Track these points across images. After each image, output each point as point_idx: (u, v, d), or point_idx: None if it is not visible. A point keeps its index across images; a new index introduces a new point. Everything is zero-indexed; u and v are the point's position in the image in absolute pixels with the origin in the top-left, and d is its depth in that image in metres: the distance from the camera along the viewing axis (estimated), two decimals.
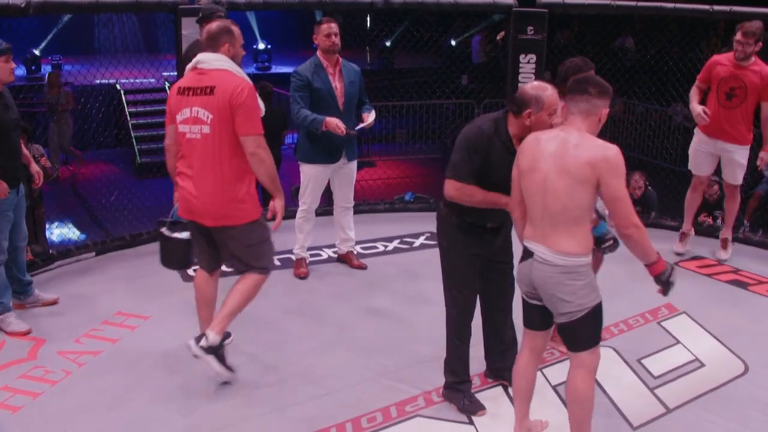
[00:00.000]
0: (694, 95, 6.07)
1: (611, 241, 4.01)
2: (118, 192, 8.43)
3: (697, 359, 4.76)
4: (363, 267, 5.99)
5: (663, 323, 5.21)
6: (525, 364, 3.73)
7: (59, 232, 8.62)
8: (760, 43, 5.80)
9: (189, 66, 4.21)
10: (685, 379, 4.54)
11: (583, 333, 3.50)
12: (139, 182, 10.10)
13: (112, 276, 5.80)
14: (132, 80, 10.47)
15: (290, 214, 6.63)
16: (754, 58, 5.84)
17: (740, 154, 6.02)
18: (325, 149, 5.60)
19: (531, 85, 3.77)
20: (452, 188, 3.83)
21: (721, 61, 5.97)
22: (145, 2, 6.32)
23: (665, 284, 3.50)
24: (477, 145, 3.77)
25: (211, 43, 4.16)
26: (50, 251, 6.18)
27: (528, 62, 6.87)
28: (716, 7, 6.81)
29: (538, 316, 3.61)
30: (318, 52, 5.56)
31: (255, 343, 4.83)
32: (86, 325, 5.00)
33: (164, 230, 4.56)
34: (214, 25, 4.20)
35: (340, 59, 5.59)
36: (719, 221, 7.22)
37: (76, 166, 11.34)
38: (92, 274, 5.84)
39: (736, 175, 6.09)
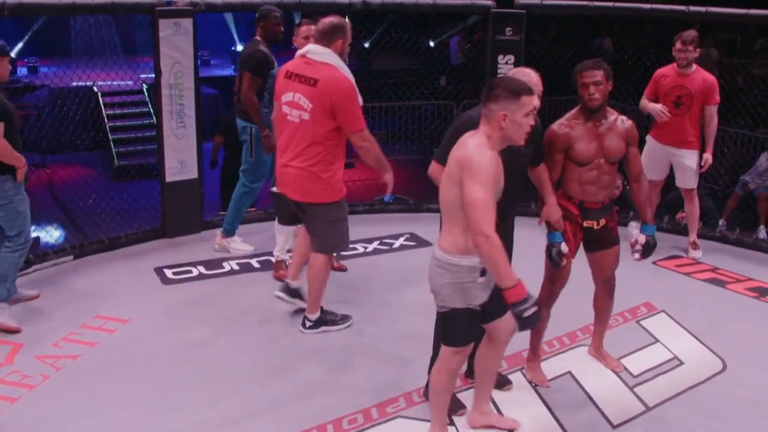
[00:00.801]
0: (647, 102, 6.32)
1: (548, 254, 4.17)
2: (96, 195, 8.37)
3: (676, 357, 4.79)
4: (343, 269, 5.96)
5: (642, 322, 5.24)
6: (482, 350, 3.83)
7: (36, 235, 8.54)
8: (699, 49, 6.11)
9: (299, 52, 4.67)
10: (664, 378, 4.57)
11: (446, 329, 3.59)
12: (117, 185, 10.03)
13: (91, 279, 5.75)
14: (109, 82, 10.40)
15: (270, 216, 6.65)
16: (694, 66, 6.13)
17: (690, 159, 6.25)
18: None
19: (513, 70, 3.91)
20: (431, 168, 3.91)
21: (666, 72, 6.25)
22: (121, 4, 6.28)
23: (519, 318, 3.27)
24: (463, 131, 3.73)
25: (325, 37, 4.58)
26: (28, 255, 6.12)
27: (506, 63, 6.89)
28: (692, 8, 6.86)
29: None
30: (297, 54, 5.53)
31: (235, 343, 4.81)
32: (64, 329, 4.95)
33: (273, 189, 5.14)
34: (330, 21, 4.62)
35: None
36: (685, 221, 7.27)
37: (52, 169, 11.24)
38: (70, 277, 5.79)
39: (687, 180, 6.32)
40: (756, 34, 14.60)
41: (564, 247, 4.17)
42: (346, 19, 4.66)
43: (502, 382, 4.34)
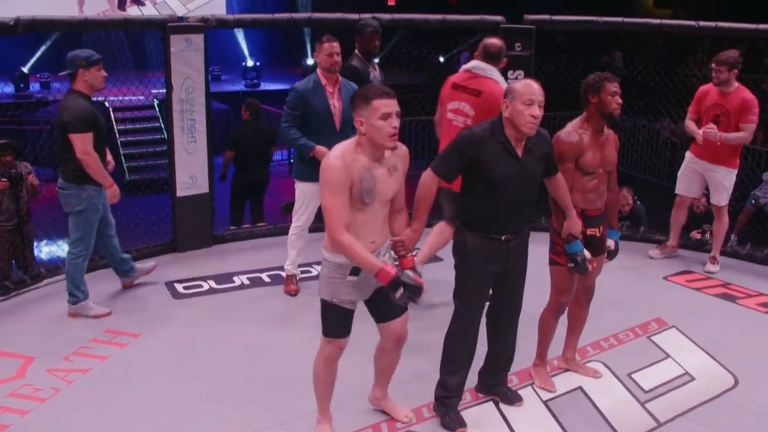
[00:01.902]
0: (689, 123, 6.37)
1: (573, 264, 4.18)
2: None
3: (687, 373, 4.77)
4: None
5: (653, 337, 5.22)
6: (377, 349, 4.03)
7: (47, 249, 8.58)
8: (736, 71, 6.06)
9: (465, 66, 5.32)
10: (675, 393, 4.55)
11: (322, 317, 3.74)
12: (128, 199, 10.05)
13: (101, 293, 5.76)
14: (121, 98, 10.47)
15: (281, 230, 6.66)
16: (736, 84, 6.13)
17: (725, 176, 6.29)
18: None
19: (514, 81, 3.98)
20: (425, 174, 3.92)
21: (708, 90, 6.27)
22: (133, 20, 6.34)
23: (394, 299, 3.51)
24: (464, 146, 3.86)
25: (493, 58, 5.26)
26: (39, 269, 6.15)
27: (516, 78, 6.90)
28: (702, 23, 6.86)
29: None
30: (318, 70, 5.50)
31: (245, 357, 4.82)
32: (75, 343, 4.97)
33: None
34: (499, 45, 5.29)
35: (340, 78, 5.54)
36: (707, 235, 7.26)
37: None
38: None
39: (719, 196, 6.34)
40: (765, 48, 14.62)
41: (587, 254, 4.22)
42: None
43: (513, 399, 4.34)
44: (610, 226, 4.51)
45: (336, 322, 3.72)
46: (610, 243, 4.50)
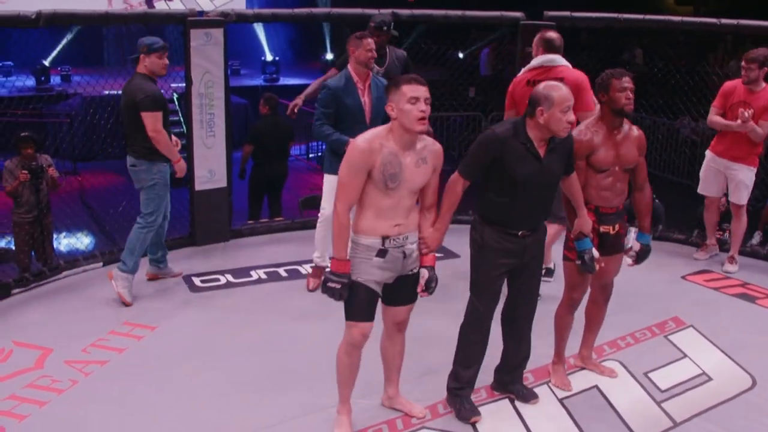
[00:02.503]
0: (715, 118, 6.29)
1: (580, 261, 4.23)
2: (126, 202, 8.44)
3: (704, 373, 4.74)
4: None
5: (670, 337, 5.19)
6: (383, 340, 4.12)
7: (67, 242, 8.64)
8: (766, 68, 6.01)
9: (534, 63, 5.54)
10: (692, 393, 4.53)
11: (347, 301, 3.78)
12: None
13: None
14: None
15: (298, 225, 6.67)
16: (764, 83, 6.07)
17: (745, 175, 6.25)
18: None
19: (542, 84, 3.93)
20: (453, 176, 4.00)
21: (735, 87, 6.21)
22: (154, 14, 6.36)
23: (323, 284, 3.73)
24: (487, 147, 3.91)
25: (556, 47, 5.53)
26: (58, 261, 6.20)
27: None
28: (723, 21, 6.80)
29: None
30: (350, 67, 5.45)
31: (261, 351, 4.83)
32: (93, 335, 5.01)
33: None
34: (556, 35, 5.59)
35: (371, 74, 5.52)
36: (726, 234, 7.22)
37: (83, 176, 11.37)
38: (100, 284, 5.83)
39: (739, 195, 6.30)
40: None
41: (595, 252, 4.22)
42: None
43: (528, 396, 4.33)
44: (640, 228, 4.50)
45: (360, 304, 3.76)
46: (637, 245, 4.48)
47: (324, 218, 5.64)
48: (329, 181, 5.58)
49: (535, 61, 5.52)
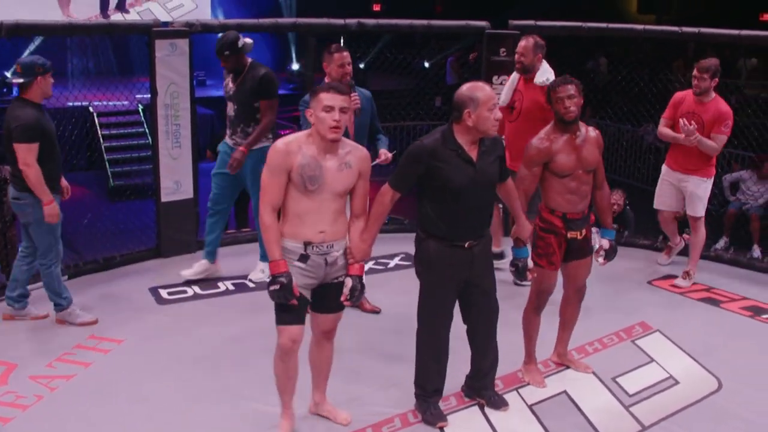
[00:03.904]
0: (664, 130, 6.18)
1: (513, 268, 4.36)
2: (91, 214, 8.36)
3: (671, 377, 4.79)
4: (377, 311, 5.60)
5: (637, 342, 5.23)
6: (311, 345, 4.10)
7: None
8: (716, 79, 5.93)
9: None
10: (659, 397, 4.57)
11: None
12: (113, 205, 10.04)
13: (85, 299, 5.73)
14: (105, 102, 10.42)
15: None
16: (714, 94, 5.98)
17: (698, 186, 6.11)
18: None
19: (464, 87, 3.93)
20: (383, 187, 4.00)
21: (684, 97, 6.11)
22: (118, 24, 6.31)
23: (268, 288, 3.69)
24: (415, 158, 3.92)
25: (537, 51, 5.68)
26: None
27: (501, 83, 6.91)
28: (685, 29, 6.90)
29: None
30: (327, 80, 5.18)
31: (231, 362, 4.80)
32: (58, 350, 4.94)
33: None
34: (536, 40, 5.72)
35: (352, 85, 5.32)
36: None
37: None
38: None
39: (695, 208, 6.18)
40: (744, 53, 14.76)
41: (530, 262, 4.31)
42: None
43: (499, 403, 4.34)
44: (603, 225, 4.60)
45: (287, 307, 3.75)
46: (605, 242, 4.57)
47: None
48: None
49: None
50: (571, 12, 9.45)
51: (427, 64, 16.61)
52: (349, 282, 3.85)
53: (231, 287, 6.01)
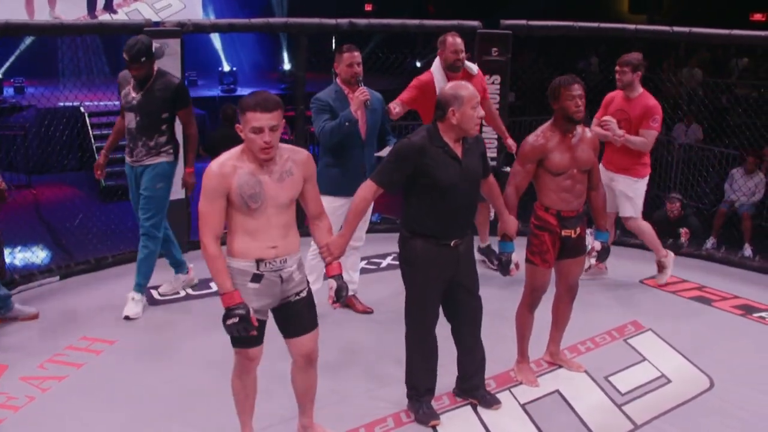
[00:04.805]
0: (595, 129, 5.94)
1: (497, 262, 4.39)
2: (83, 215, 8.34)
3: (663, 375, 4.80)
4: (369, 311, 5.57)
5: (629, 340, 5.24)
6: (292, 371, 3.86)
7: (22, 256, 8.48)
8: (640, 72, 5.88)
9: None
10: (652, 396, 4.58)
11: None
12: (104, 205, 10.00)
13: (77, 300, 5.72)
14: (96, 103, 10.38)
15: None
16: (641, 89, 5.92)
17: (626, 185, 5.98)
18: (349, 178, 5.02)
19: (448, 86, 3.97)
20: (364, 183, 3.98)
21: (614, 96, 6.06)
22: (109, 24, 6.29)
23: (223, 323, 3.48)
24: (405, 156, 3.90)
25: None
26: (12, 275, 6.09)
27: (492, 83, 6.93)
28: (676, 29, 6.91)
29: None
30: (338, 80, 5.25)
31: (224, 363, 4.79)
32: (50, 351, 4.92)
33: None
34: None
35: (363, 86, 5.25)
36: (681, 239, 7.31)
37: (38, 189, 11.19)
38: (56, 298, 5.76)
39: (623, 208, 6.04)
40: (735, 53, 14.80)
41: (514, 257, 4.30)
42: None
43: (491, 402, 4.35)
44: (597, 227, 4.62)
45: (244, 337, 3.57)
46: (597, 244, 4.60)
47: (316, 250, 5.35)
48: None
49: None
50: (563, 11, 9.44)
51: (419, 64, 16.61)
52: (333, 284, 3.69)
53: None
